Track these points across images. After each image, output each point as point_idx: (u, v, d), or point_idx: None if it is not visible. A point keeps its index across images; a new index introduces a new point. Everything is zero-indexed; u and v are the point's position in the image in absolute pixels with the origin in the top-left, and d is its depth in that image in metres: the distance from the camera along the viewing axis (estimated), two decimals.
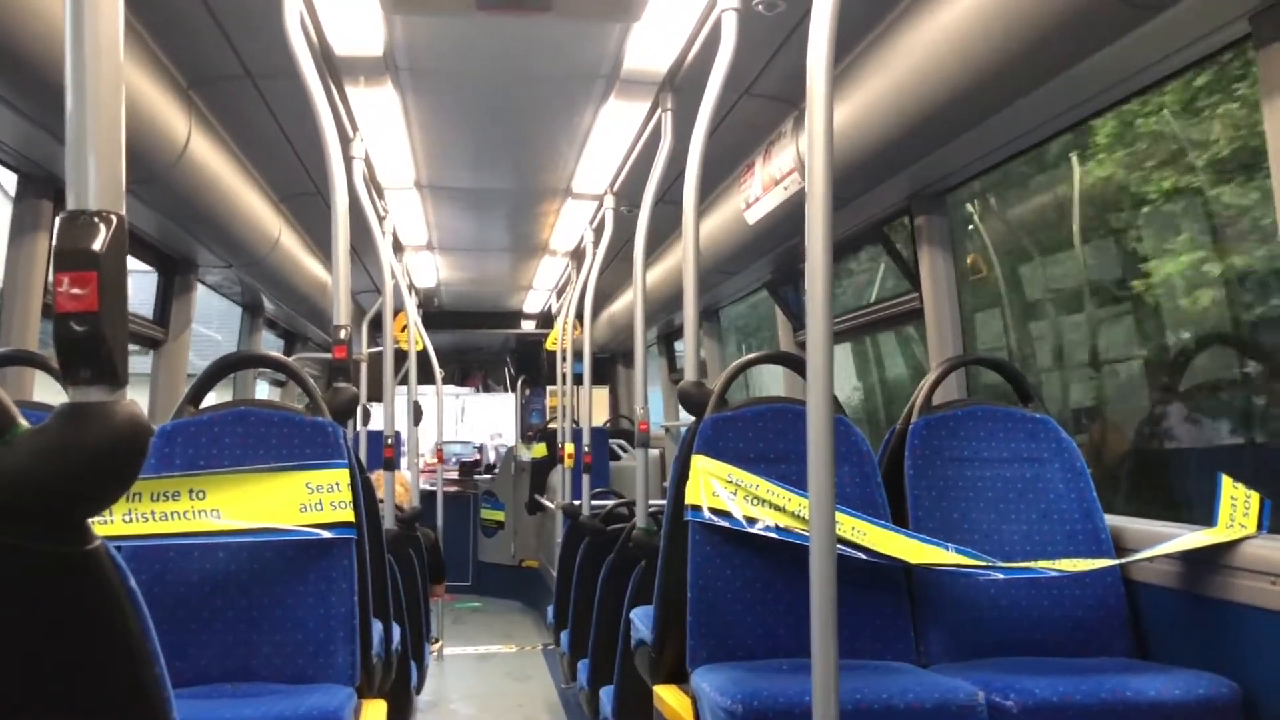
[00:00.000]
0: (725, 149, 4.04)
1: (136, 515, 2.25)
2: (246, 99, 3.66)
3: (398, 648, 3.21)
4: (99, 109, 1.02)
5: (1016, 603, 2.65)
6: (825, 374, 1.69)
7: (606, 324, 8.28)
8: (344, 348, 2.92)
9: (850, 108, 3.09)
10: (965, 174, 3.46)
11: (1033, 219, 4.02)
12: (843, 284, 5.28)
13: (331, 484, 2.40)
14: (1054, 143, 3.22)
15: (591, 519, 4.78)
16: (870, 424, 5.70)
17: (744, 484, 2.62)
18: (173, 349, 4.62)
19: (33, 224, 3.19)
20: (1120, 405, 3.77)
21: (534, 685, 6.01)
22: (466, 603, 9.01)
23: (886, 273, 4.66)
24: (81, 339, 0.96)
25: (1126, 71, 2.51)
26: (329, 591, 2.39)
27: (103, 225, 0.99)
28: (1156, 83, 2.62)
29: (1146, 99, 2.95)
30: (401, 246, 6.29)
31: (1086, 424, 3.90)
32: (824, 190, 1.69)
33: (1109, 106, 2.82)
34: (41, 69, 2.40)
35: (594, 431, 5.59)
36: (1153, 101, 3.08)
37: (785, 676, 2.28)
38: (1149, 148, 3.30)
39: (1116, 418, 3.76)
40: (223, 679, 2.32)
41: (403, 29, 3.21)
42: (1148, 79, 2.58)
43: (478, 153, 4.69)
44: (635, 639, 3.09)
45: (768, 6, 2.97)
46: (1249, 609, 2.20)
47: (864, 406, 5.83)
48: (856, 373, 5.90)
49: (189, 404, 2.58)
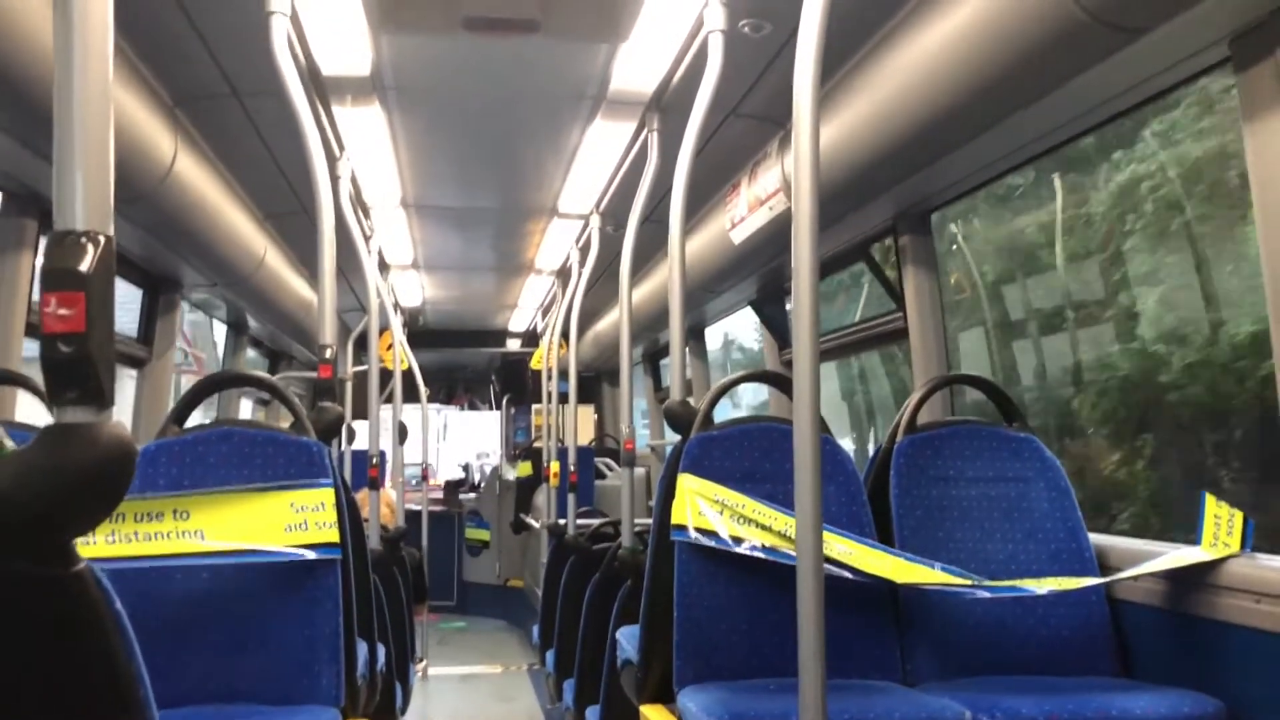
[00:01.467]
0: (711, 169, 4.05)
1: (120, 536, 2.24)
2: (232, 118, 3.66)
3: (383, 668, 3.19)
4: (87, 129, 1.02)
5: (1002, 622, 2.65)
6: (811, 393, 1.69)
7: (592, 343, 8.28)
8: (329, 367, 2.91)
9: (835, 128, 3.11)
10: (949, 194, 3.48)
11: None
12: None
13: (316, 504, 2.38)
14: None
15: (577, 538, 4.77)
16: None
17: (730, 503, 2.62)
18: (156, 368, 4.60)
19: (17, 243, 3.18)
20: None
21: (519, 706, 5.98)
22: (451, 623, 8.96)
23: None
24: (68, 360, 0.96)
25: (1108, 94, 2.54)
26: (314, 612, 2.37)
27: (91, 245, 0.99)
28: (1138, 105, 2.65)
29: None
30: (387, 265, 6.28)
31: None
32: (810, 210, 1.70)
33: (1092, 128, 2.85)
34: (28, 87, 2.39)
35: (579, 450, 5.58)
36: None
37: (772, 696, 2.28)
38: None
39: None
40: (207, 700, 2.30)
41: (389, 48, 3.22)
42: (1129, 101, 2.60)
43: (464, 172, 4.70)
44: (621, 659, 3.08)
45: (754, 28, 2.99)
46: (1234, 627, 2.21)
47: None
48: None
49: (173, 423, 2.56)
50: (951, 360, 3.83)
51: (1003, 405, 3.00)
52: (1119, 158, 3.49)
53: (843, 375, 6.37)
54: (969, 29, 2.45)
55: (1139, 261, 3.68)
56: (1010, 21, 2.30)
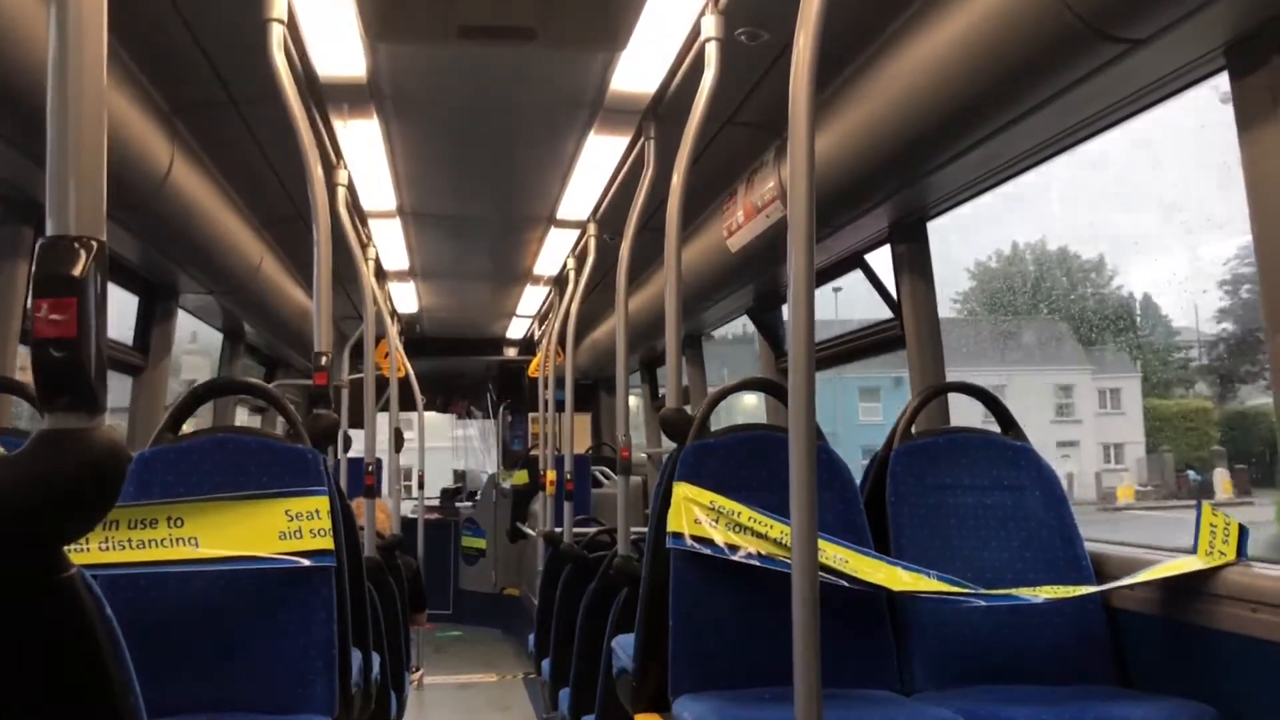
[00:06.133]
0: (708, 177, 4.06)
1: (113, 543, 2.23)
2: (230, 125, 3.66)
3: (377, 677, 3.18)
4: (80, 134, 1.02)
5: (998, 630, 2.65)
6: (807, 401, 1.69)
7: (589, 351, 8.27)
8: (325, 374, 2.90)
9: (832, 137, 3.11)
10: (946, 203, 3.49)
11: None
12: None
13: (311, 511, 2.38)
14: None
15: (573, 546, 4.76)
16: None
17: (726, 511, 2.61)
18: (152, 376, 4.59)
19: (12, 249, 3.18)
20: None
21: (515, 715, 5.97)
22: (447, 631, 8.94)
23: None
24: (60, 365, 0.95)
25: (1104, 103, 2.54)
26: (308, 620, 2.36)
27: (83, 251, 0.98)
28: (1133, 114, 2.65)
29: None
30: (384, 273, 6.28)
31: None
32: (806, 217, 1.70)
33: (1088, 137, 2.85)
34: (23, 94, 2.39)
35: (576, 458, 5.57)
36: None
37: (767, 705, 2.27)
38: None
39: None
40: (199, 709, 2.29)
41: (386, 57, 3.22)
42: (1126, 111, 2.61)
43: (461, 180, 4.70)
44: (617, 667, 3.07)
45: (750, 37, 3.00)
46: (1230, 636, 2.20)
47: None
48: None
49: (168, 431, 2.56)
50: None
51: (999, 413, 3.00)
52: None
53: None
54: (965, 38, 2.46)
55: None
56: (1006, 31, 2.31)
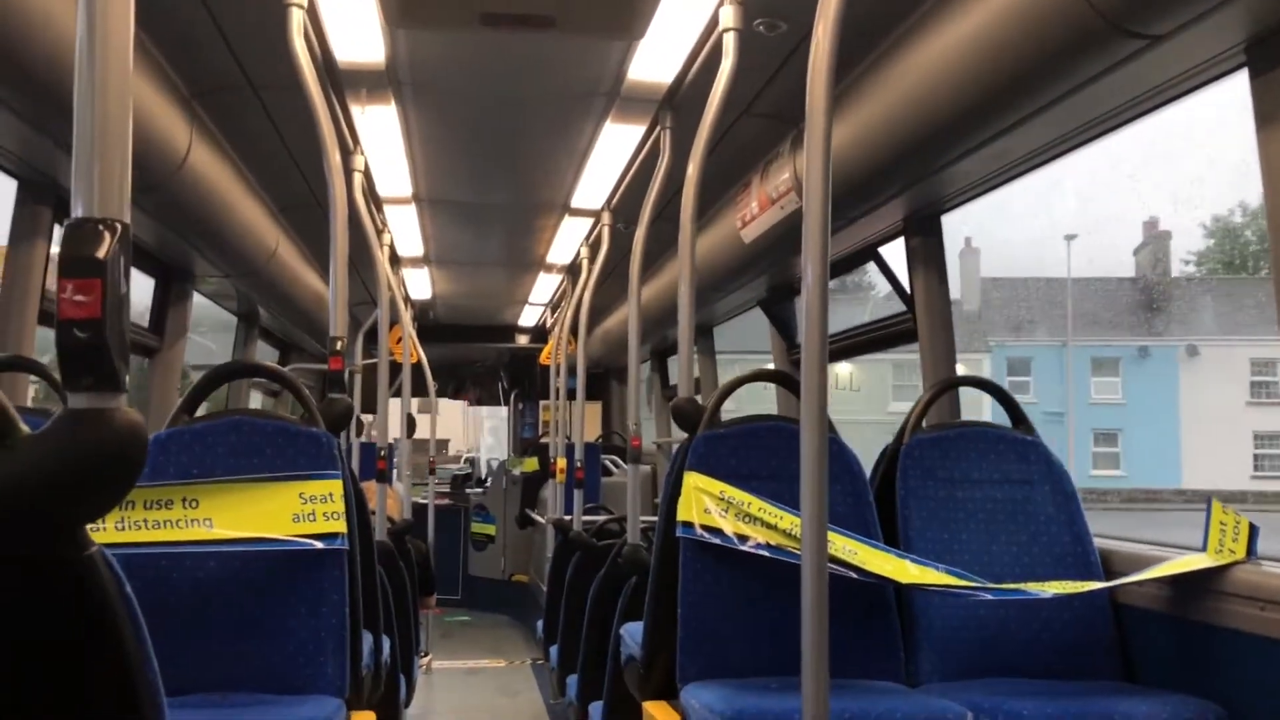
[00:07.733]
0: (723, 167, 4.05)
1: (129, 523, 2.25)
2: (248, 110, 3.67)
3: (387, 660, 3.20)
4: (107, 117, 1.03)
5: (1006, 624, 2.66)
6: (819, 393, 1.70)
7: (601, 339, 8.28)
8: (339, 359, 2.92)
9: (848, 128, 3.11)
10: (961, 197, 3.48)
11: None
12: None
13: (325, 495, 2.40)
14: None
15: (582, 534, 4.78)
16: None
17: (736, 501, 2.62)
18: (167, 357, 4.62)
19: (32, 230, 3.19)
20: None
21: (523, 700, 5.99)
22: (456, 616, 8.98)
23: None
24: (84, 345, 0.97)
25: (1123, 99, 2.53)
26: (320, 602, 2.39)
27: (108, 233, 1.00)
28: (1151, 110, 2.64)
29: None
30: (399, 259, 6.29)
31: None
32: (821, 209, 1.70)
33: (1104, 133, 2.84)
34: (45, 76, 2.41)
35: (586, 447, 5.59)
36: None
37: (775, 694, 2.29)
38: None
39: None
40: (213, 688, 2.31)
41: (405, 43, 3.23)
42: (1143, 107, 2.60)
43: (477, 167, 4.70)
44: (625, 655, 3.08)
45: (768, 27, 3.00)
46: (1237, 634, 2.21)
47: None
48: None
49: (183, 413, 2.58)
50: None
51: (1010, 408, 3.00)
52: None
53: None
54: (983, 32, 2.45)
55: None
56: (1025, 26, 2.30)
